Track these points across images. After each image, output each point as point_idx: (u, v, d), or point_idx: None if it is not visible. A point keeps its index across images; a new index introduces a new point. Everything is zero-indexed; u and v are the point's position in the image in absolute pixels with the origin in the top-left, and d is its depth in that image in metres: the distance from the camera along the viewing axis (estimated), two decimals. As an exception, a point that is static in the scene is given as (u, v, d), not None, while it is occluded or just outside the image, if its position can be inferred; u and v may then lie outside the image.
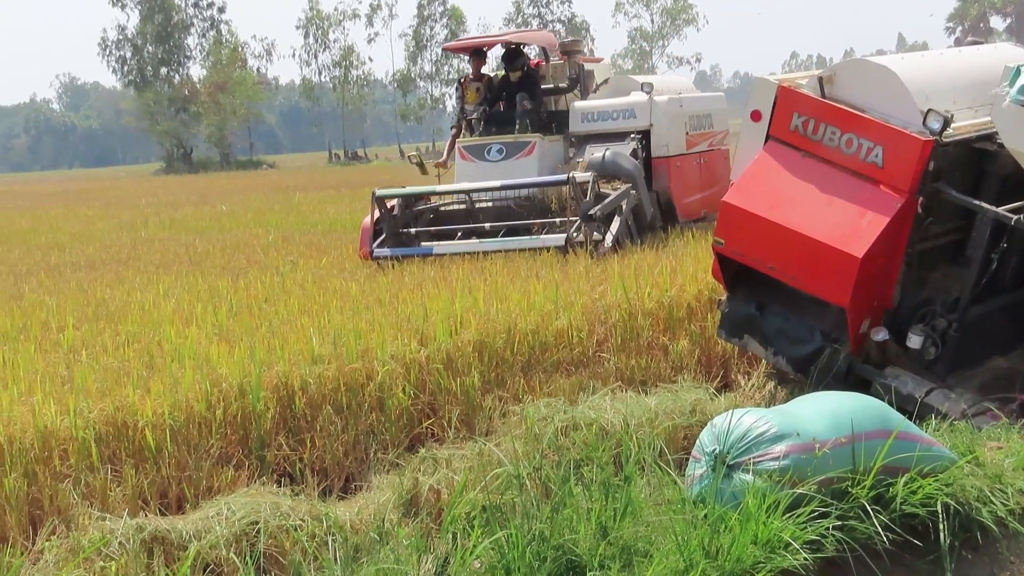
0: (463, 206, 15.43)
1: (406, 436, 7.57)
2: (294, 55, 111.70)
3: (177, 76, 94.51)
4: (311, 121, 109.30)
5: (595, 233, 13.43)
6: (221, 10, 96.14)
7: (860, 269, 7.64)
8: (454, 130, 17.23)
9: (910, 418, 6.74)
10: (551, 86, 17.30)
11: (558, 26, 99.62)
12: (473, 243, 13.96)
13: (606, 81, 17.62)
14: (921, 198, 7.78)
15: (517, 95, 16.33)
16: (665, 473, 6.50)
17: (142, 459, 6.84)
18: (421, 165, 16.73)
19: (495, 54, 18.75)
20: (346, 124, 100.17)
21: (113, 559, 5.68)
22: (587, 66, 17.70)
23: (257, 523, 6.05)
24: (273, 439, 7.25)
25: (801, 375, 8.31)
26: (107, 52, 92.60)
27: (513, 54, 16.74)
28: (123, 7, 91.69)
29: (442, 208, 15.60)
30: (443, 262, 12.99)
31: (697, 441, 6.54)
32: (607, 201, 13.73)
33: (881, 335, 8.05)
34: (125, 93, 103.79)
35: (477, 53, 17.45)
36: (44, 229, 25.91)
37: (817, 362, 8.21)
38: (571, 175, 13.88)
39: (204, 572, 5.79)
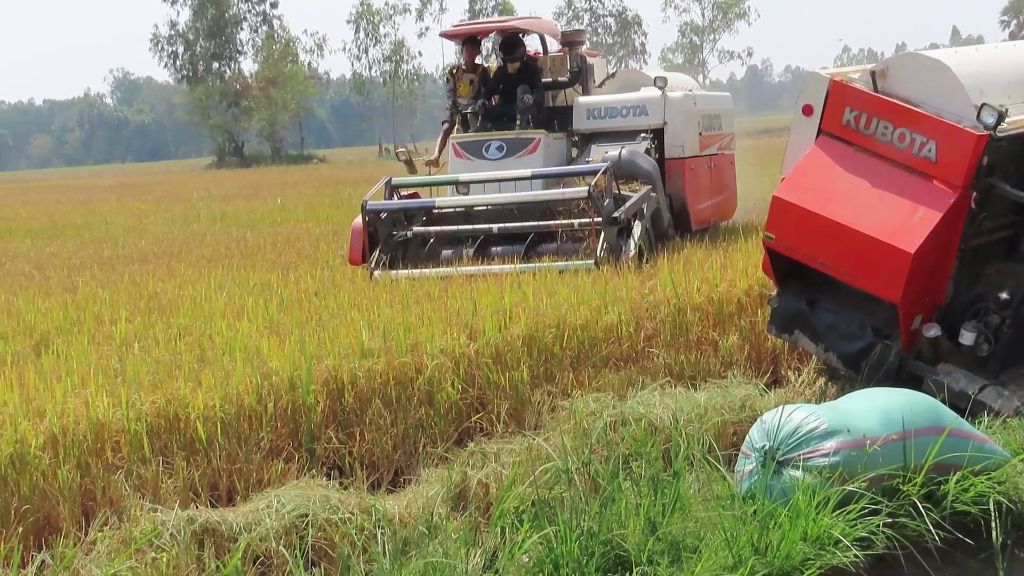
0: (460, 207, 13.97)
1: (455, 430, 7.57)
2: (345, 50, 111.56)
3: (229, 71, 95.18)
4: (361, 116, 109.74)
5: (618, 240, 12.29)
6: (273, 5, 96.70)
7: (912, 265, 7.58)
8: (445, 125, 15.82)
9: (962, 415, 6.69)
10: (550, 79, 15.75)
11: (609, 20, 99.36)
12: (495, 267, 11.92)
13: (613, 75, 16.67)
14: (975, 193, 7.71)
15: (517, 88, 14.79)
16: (714, 469, 6.49)
17: (193, 451, 6.89)
18: (410, 163, 15.46)
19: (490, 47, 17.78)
20: (396, 119, 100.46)
21: (164, 550, 5.72)
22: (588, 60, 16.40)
23: (306, 516, 6.07)
24: (323, 432, 7.27)
25: (852, 371, 8.26)
26: (160, 47, 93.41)
27: (511, 43, 15.27)
28: (175, 2, 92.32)
29: (436, 210, 13.99)
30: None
31: (747, 437, 6.53)
32: (630, 204, 12.52)
33: (933, 331, 7.99)
34: (177, 88, 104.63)
35: (471, 42, 15.82)
36: (97, 223, 26.17)
37: (868, 358, 8.16)
38: (593, 181, 12.34)
39: (254, 564, 5.82)
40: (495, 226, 12.99)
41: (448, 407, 7.64)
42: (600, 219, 12.04)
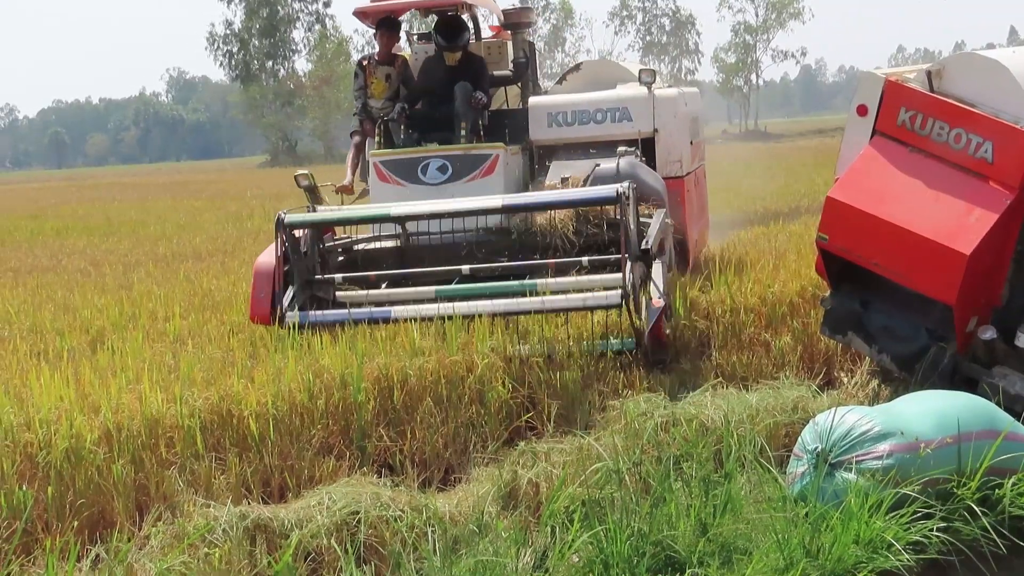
0: (394, 242, 10.34)
1: (505, 429, 7.57)
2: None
3: (282, 70, 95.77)
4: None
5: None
6: (326, 4, 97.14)
7: (968, 266, 7.52)
8: (356, 138, 12.07)
9: (1018, 419, 6.63)
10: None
11: (663, 20, 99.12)
12: (470, 304, 8.85)
13: (578, 67, 13.03)
14: (1032, 194, 7.65)
15: (457, 86, 11.18)
16: (766, 470, 6.47)
17: (245, 448, 6.93)
18: (313, 190, 10.48)
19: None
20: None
21: (217, 546, 5.76)
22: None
23: (358, 513, 6.09)
24: (374, 430, 7.30)
25: (906, 373, 8.20)
26: (215, 46, 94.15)
27: (455, 25, 11.62)
28: (230, 2, 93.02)
29: (358, 248, 10.38)
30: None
31: (799, 439, 6.50)
32: (654, 232, 9.01)
33: (989, 333, 7.91)
34: (232, 87, 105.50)
35: (388, 24, 11.80)
36: (152, 220, 26.41)
37: (922, 360, 8.09)
38: (622, 188, 8.72)
39: (305, 560, 5.85)
40: (465, 267, 9.50)
41: (498, 406, 7.65)
42: (625, 253, 8.67)
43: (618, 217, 8.89)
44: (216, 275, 13.63)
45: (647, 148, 11.10)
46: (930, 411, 6.33)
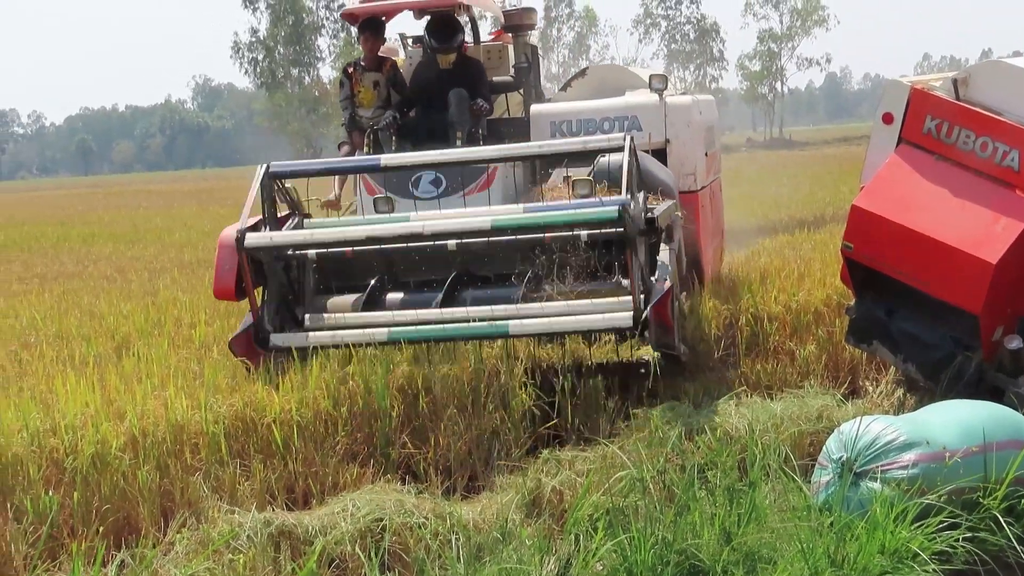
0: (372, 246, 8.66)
1: (529, 437, 7.57)
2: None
3: (307, 77, 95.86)
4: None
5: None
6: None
7: (994, 275, 7.50)
8: (344, 148, 11.23)
9: (1044, 429, 6.60)
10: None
11: (687, 28, 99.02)
12: (476, 326, 8.09)
13: (583, 72, 12.16)
14: (1059, 203, 7.62)
15: (451, 92, 10.32)
16: (790, 479, 6.46)
17: (270, 454, 6.96)
18: (294, 204, 9.03)
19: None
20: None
21: (241, 552, 5.79)
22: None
23: (382, 520, 6.11)
24: (398, 437, 7.31)
25: (931, 383, 8.17)
26: (240, 54, 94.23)
27: (448, 25, 10.59)
28: (255, 10, 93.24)
29: (331, 253, 8.90)
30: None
31: (823, 448, 6.49)
32: (662, 209, 8.43)
33: (1015, 343, 7.88)
34: (257, 94, 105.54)
35: (372, 26, 10.80)
36: (178, 227, 26.52)
37: (948, 369, 8.06)
38: (625, 201, 7.71)
39: (329, 567, 5.87)
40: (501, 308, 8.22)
41: (522, 414, 7.64)
42: (626, 230, 7.71)
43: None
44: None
45: (659, 160, 9.97)
46: (955, 421, 6.31)
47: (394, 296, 8.74)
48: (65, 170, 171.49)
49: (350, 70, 11.09)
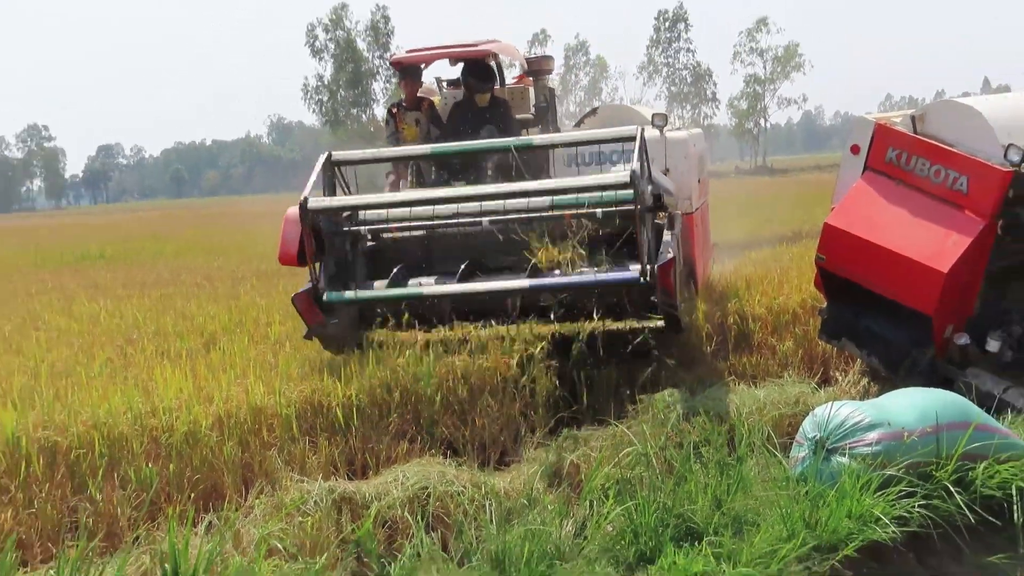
0: (418, 232, 8.87)
1: (551, 419, 7.57)
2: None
3: (364, 116, 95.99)
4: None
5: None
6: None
7: (945, 282, 7.47)
8: (391, 177, 11.02)
9: (988, 412, 6.57)
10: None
11: (684, 73, 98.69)
12: (504, 283, 8.00)
13: (594, 111, 11.92)
14: (1001, 221, 7.58)
15: (483, 128, 10.35)
16: (772, 455, 6.44)
17: (333, 433, 6.98)
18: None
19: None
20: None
21: (309, 515, 5.81)
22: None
23: (427, 488, 6.12)
24: (441, 418, 7.31)
25: (892, 373, 8.13)
26: (308, 96, 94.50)
27: (484, 70, 10.62)
28: (321, 59, 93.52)
29: (385, 235, 8.97)
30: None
31: (800, 428, 6.47)
32: (665, 188, 8.59)
33: (963, 340, 7.85)
34: (322, 130, 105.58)
35: (411, 72, 10.80)
36: (255, 242, 26.57)
37: (906, 362, 8.04)
38: (635, 172, 7.46)
39: (383, 527, 5.89)
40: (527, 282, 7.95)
41: (546, 399, 7.64)
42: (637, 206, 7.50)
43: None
44: (309, 288, 13.69)
45: None
46: (913, 405, 6.29)
47: (415, 279, 8.51)
48: (161, 194, 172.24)
49: (394, 110, 10.95)
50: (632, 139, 7.94)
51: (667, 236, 8.11)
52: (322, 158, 8.46)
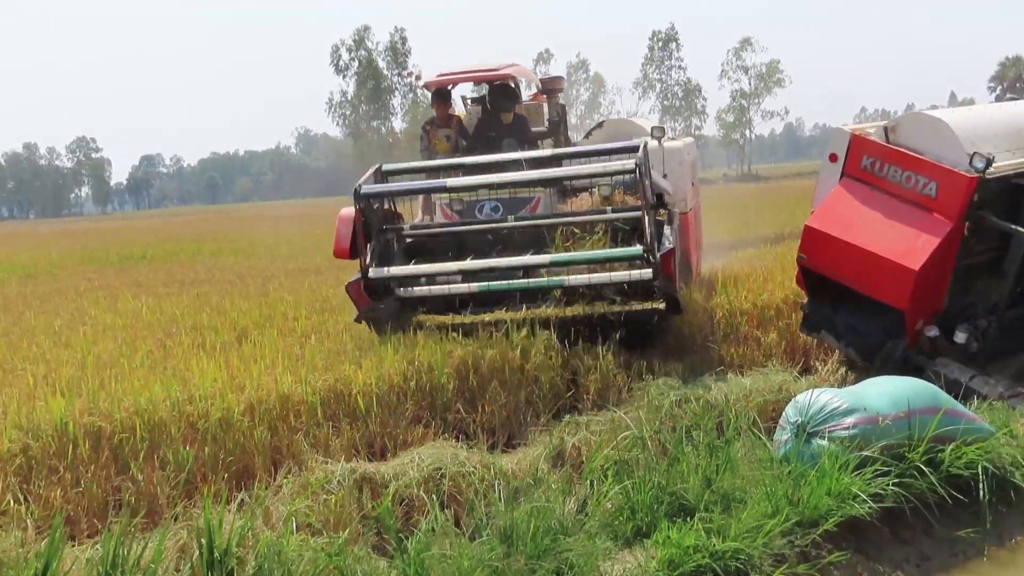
0: (453, 228, 9.46)
1: (555, 405, 7.57)
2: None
3: (383, 128, 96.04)
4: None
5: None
6: (417, 78, 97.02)
7: (916, 279, 7.47)
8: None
9: (956, 399, 6.57)
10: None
11: (676, 88, 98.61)
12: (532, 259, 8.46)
13: (600, 125, 12.40)
14: (967, 223, 7.58)
15: (504, 142, 10.73)
16: (757, 438, 6.44)
17: (355, 418, 6.97)
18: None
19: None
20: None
21: (332, 493, 5.81)
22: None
23: (441, 469, 6.11)
24: (453, 405, 7.30)
25: (867, 363, 8.13)
26: (332, 109, 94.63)
27: (507, 92, 10.99)
28: (344, 76, 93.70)
29: (419, 231, 9.46)
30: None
31: (783, 413, 6.47)
32: (663, 186, 9.16)
33: (933, 332, 7.85)
34: (346, 141, 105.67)
35: (442, 94, 11.17)
36: (284, 243, 26.59)
37: (881, 353, 8.03)
38: (639, 160, 8.05)
39: (400, 505, 5.88)
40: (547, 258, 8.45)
41: (549, 386, 7.63)
42: (642, 201, 8.09)
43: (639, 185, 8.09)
44: (333, 285, 13.69)
45: None
46: (887, 392, 6.28)
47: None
48: (198, 200, 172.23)
49: (427, 127, 11.28)
50: (636, 149, 8.36)
51: (667, 230, 8.47)
52: (373, 168, 8.96)
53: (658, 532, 5.37)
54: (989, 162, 7.37)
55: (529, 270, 8.59)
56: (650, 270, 7.98)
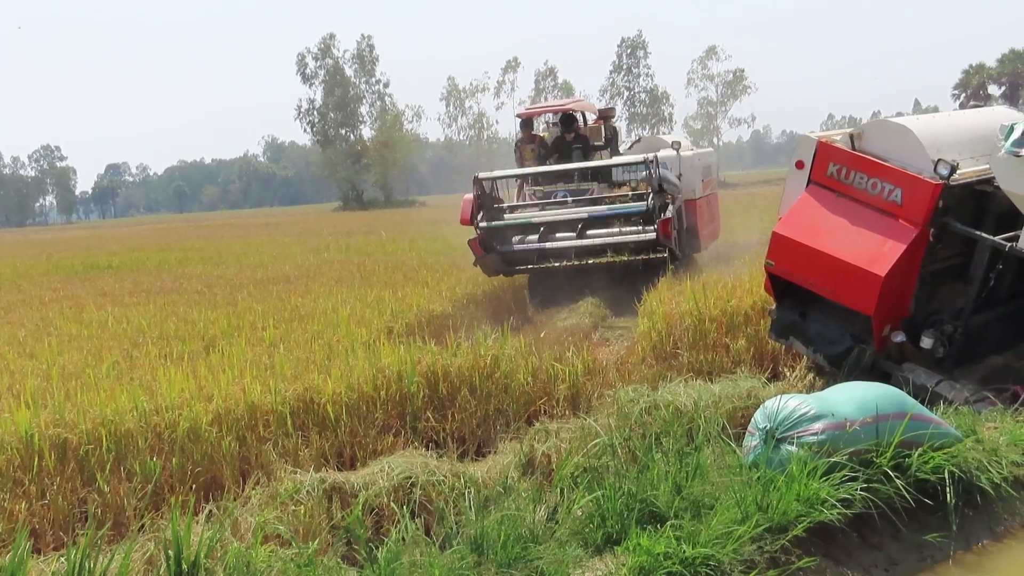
0: (543, 214, 13.69)
1: (525, 412, 7.57)
2: (439, 119, 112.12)
3: (352, 136, 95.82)
4: (452, 170, 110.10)
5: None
6: (385, 85, 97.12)
7: (883, 285, 7.51)
8: (519, 181, 15.27)
9: (923, 403, 6.61)
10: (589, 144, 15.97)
11: (643, 95, 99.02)
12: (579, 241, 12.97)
13: (639, 140, 17.03)
14: (932, 229, 7.64)
15: (572, 151, 15.35)
16: (726, 444, 6.45)
17: (324, 427, 6.95)
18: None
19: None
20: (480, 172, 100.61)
21: (302, 503, 5.77)
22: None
23: (411, 478, 6.10)
24: (423, 413, 7.30)
25: (835, 368, 8.17)
26: (300, 117, 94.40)
27: (571, 119, 15.66)
28: (311, 84, 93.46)
29: (521, 219, 13.68)
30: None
31: (752, 419, 6.48)
32: (669, 183, 12.96)
33: (899, 337, 7.91)
34: (314, 149, 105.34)
35: (527, 122, 16.01)
36: (252, 252, 26.46)
37: (848, 358, 8.08)
38: (649, 158, 12.91)
39: (370, 514, 5.85)
40: (585, 210, 13.33)
41: (520, 394, 7.64)
42: (649, 188, 12.83)
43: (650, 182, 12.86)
44: (301, 294, 13.65)
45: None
46: (854, 398, 6.30)
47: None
48: (165, 209, 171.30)
49: (518, 144, 15.88)
50: (654, 160, 12.94)
51: (670, 208, 12.80)
52: (474, 176, 13.72)
53: (629, 539, 5.37)
54: (953, 169, 7.44)
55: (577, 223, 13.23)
56: (653, 234, 12.55)
